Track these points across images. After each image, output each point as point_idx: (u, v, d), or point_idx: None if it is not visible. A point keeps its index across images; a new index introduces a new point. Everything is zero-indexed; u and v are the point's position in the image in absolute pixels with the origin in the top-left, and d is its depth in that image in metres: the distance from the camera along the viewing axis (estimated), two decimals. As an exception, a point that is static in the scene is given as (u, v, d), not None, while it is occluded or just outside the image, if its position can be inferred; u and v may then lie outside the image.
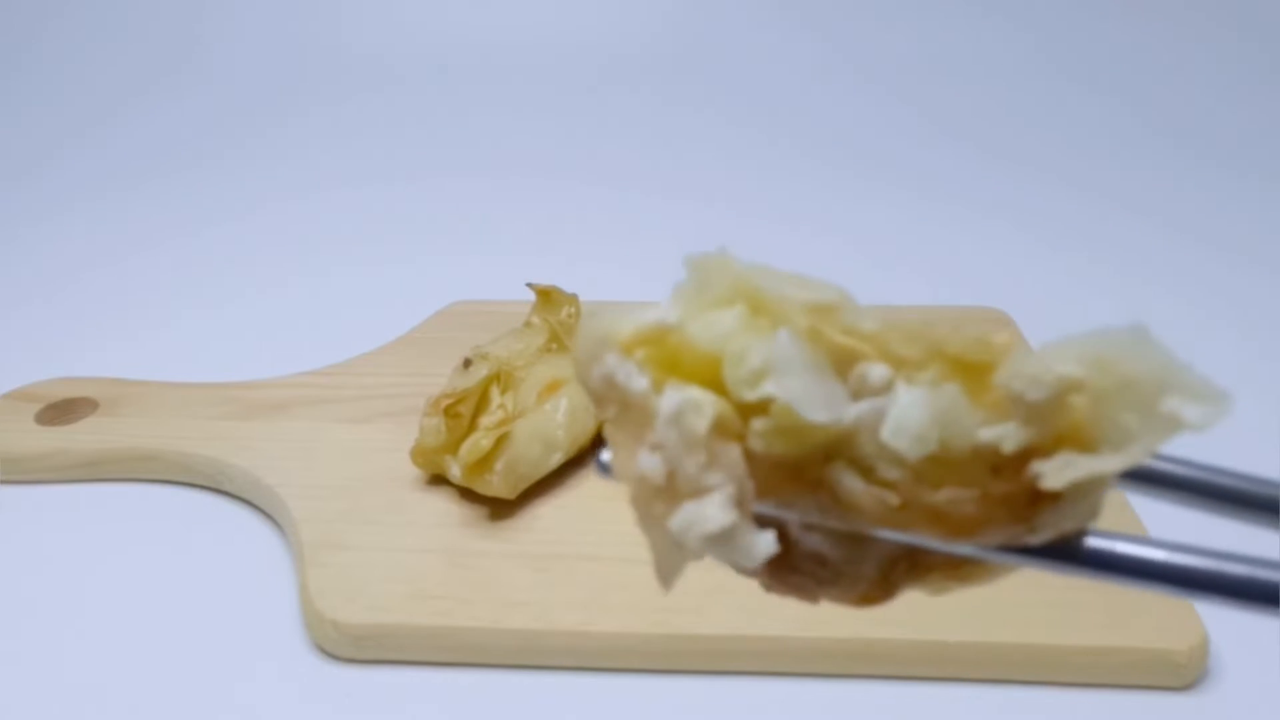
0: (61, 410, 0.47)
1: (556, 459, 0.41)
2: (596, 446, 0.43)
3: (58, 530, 0.42)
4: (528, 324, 0.47)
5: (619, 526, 0.39)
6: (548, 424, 0.41)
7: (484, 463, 0.39)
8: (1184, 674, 0.34)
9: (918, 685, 0.34)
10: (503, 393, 0.41)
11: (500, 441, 0.39)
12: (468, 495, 0.40)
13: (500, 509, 0.40)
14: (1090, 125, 0.95)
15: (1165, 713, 0.33)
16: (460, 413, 0.40)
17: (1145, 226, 0.74)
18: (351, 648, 0.35)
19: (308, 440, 0.44)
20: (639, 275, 0.64)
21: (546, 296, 0.47)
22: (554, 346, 0.45)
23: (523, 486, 0.40)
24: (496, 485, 0.39)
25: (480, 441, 0.39)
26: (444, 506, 0.40)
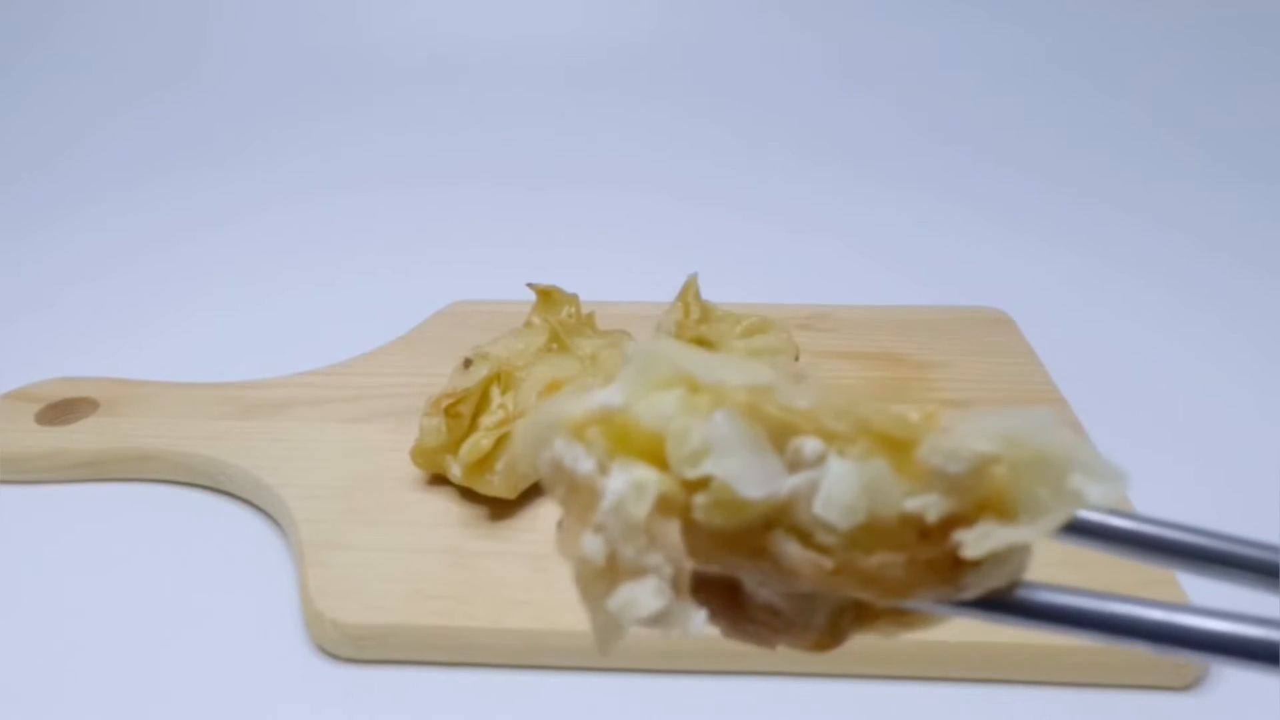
0: (61, 410, 0.47)
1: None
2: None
3: (58, 530, 0.42)
4: (528, 324, 0.47)
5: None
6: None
7: (484, 463, 0.39)
8: (1184, 674, 0.34)
9: (918, 685, 0.34)
10: (503, 393, 0.41)
11: (500, 441, 0.39)
12: (468, 495, 0.40)
13: (500, 509, 0.40)
14: (1090, 125, 0.95)
15: (1165, 713, 0.33)
16: (460, 413, 0.40)
17: (1145, 227, 0.74)
18: (351, 648, 0.35)
19: (308, 440, 0.44)
20: (639, 275, 0.65)
21: (546, 296, 0.47)
22: (554, 346, 0.45)
23: (523, 486, 0.40)
24: (496, 485, 0.39)
25: (480, 441, 0.39)
26: (444, 506, 0.40)
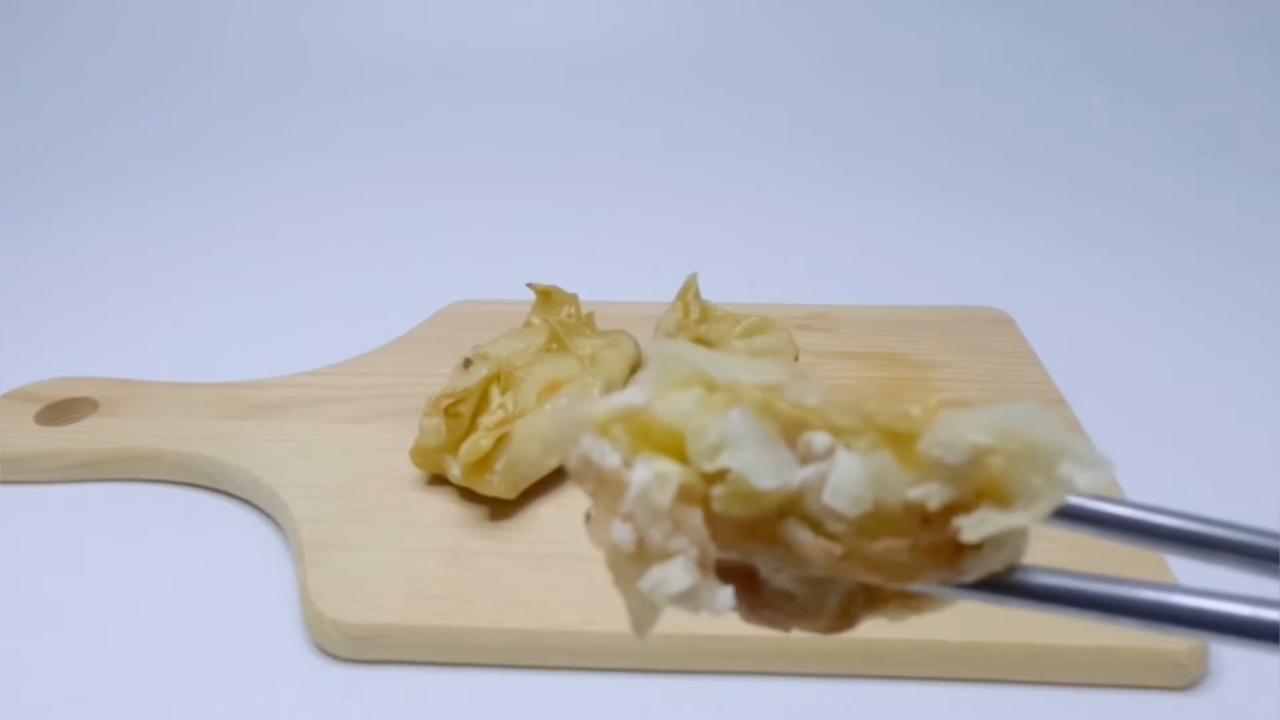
0: (61, 410, 0.47)
1: (556, 459, 0.41)
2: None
3: (58, 530, 0.42)
4: (528, 324, 0.47)
5: (619, 526, 0.39)
6: (548, 424, 0.41)
7: (484, 463, 0.39)
8: (1184, 674, 0.34)
9: (918, 685, 0.34)
10: (503, 393, 0.41)
11: (500, 441, 0.39)
12: (468, 495, 0.40)
13: (500, 509, 0.40)
14: (1091, 126, 0.95)
15: (1165, 713, 0.33)
16: (460, 413, 0.40)
17: (1145, 227, 0.74)
18: (351, 648, 0.35)
19: (308, 440, 0.44)
20: (639, 275, 0.65)
21: (546, 296, 0.47)
22: (554, 346, 0.45)
23: (523, 486, 0.40)
24: (496, 485, 0.39)
25: (480, 441, 0.39)
26: (444, 506, 0.40)
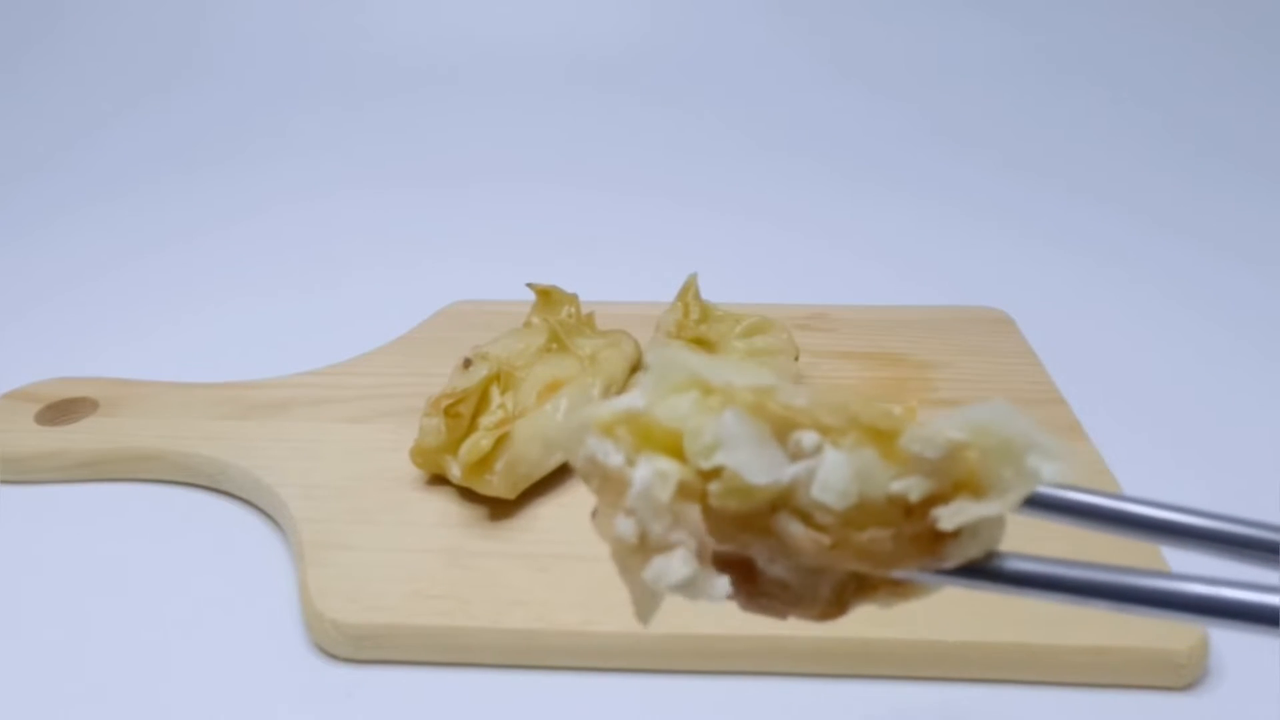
0: (61, 410, 0.47)
1: (556, 459, 0.41)
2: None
3: (58, 530, 0.42)
4: (528, 324, 0.47)
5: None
6: (548, 424, 0.41)
7: (484, 463, 0.39)
8: (1184, 674, 0.34)
9: (918, 685, 0.34)
10: (503, 393, 0.41)
11: (500, 441, 0.39)
12: (468, 495, 0.40)
13: (500, 509, 0.40)
14: (1090, 126, 0.95)
15: (1165, 713, 0.33)
16: (460, 413, 0.40)
17: (1145, 227, 0.74)
18: (351, 648, 0.35)
19: (308, 440, 0.44)
20: (639, 275, 0.65)
21: (546, 296, 0.47)
22: (554, 346, 0.45)
23: (523, 486, 0.40)
24: (496, 485, 0.39)
25: (480, 441, 0.39)
26: (444, 506, 0.40)
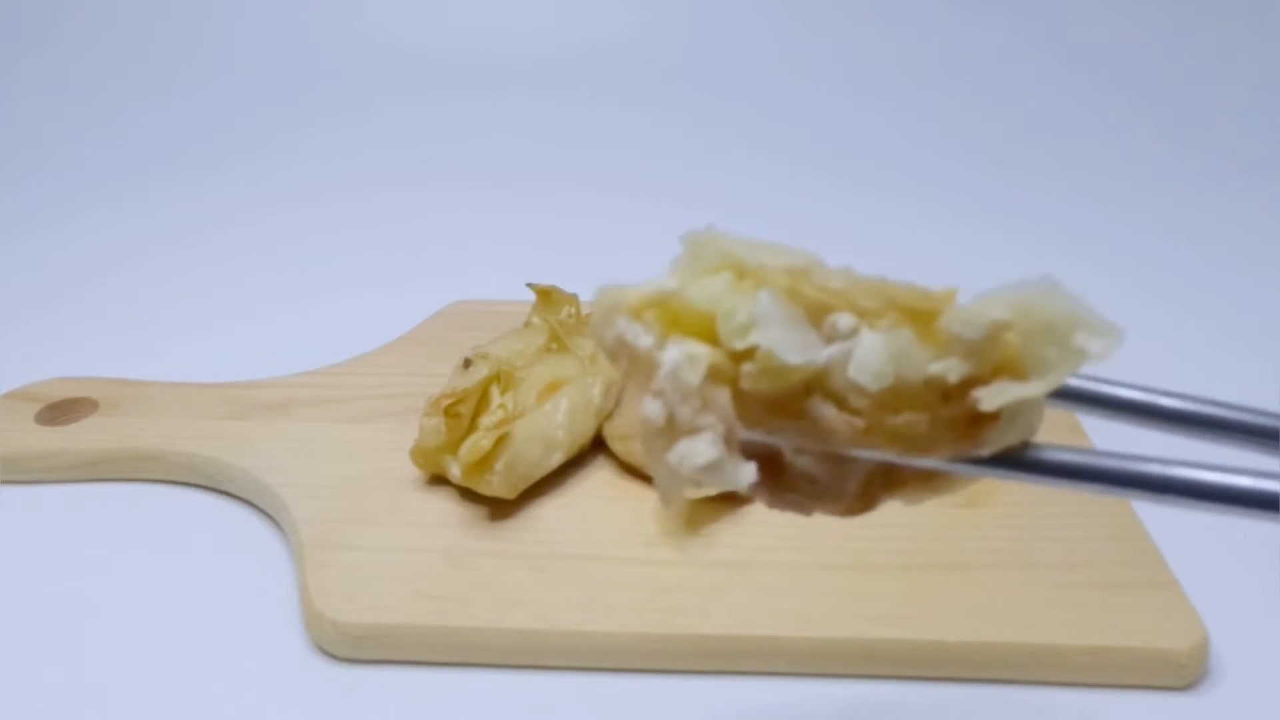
0: (61, 410, 0.47)
1: (556, 459, 0.41)
2: (596, 447, 0.43)
3: (58, 530, 0.42)
4: (528, 324, 0.47)
5: (619, 526, 0.39)
6: (548, 424, 0.41)
7: (484, 463, 0.39)
8: (1184, 674, 0.34)
9: (918, 685, 0.34)
10: (503, 393, 0.41)
11: (500, 441, 0.39)
12: (468, 495, 0.40)
13: (500, 509, 0.40)
14: (1089, 126, 0.95)
15: (1165, 713, 0.33)
16: (460, 413, 0.40)
17: (1144, 227, 0.74)
18: (351, 648, 0.35)
19: (308, 440, 0.44)
20: (639, 275, 0.64)
21: (546, 296, 0.47)
22: (554, 346, 0.45)
23: (523, 486, 0.40)
24: (496, 485, 0.39)
25: (480, 441, 0.39)
26: (444, 506, 0.40)
